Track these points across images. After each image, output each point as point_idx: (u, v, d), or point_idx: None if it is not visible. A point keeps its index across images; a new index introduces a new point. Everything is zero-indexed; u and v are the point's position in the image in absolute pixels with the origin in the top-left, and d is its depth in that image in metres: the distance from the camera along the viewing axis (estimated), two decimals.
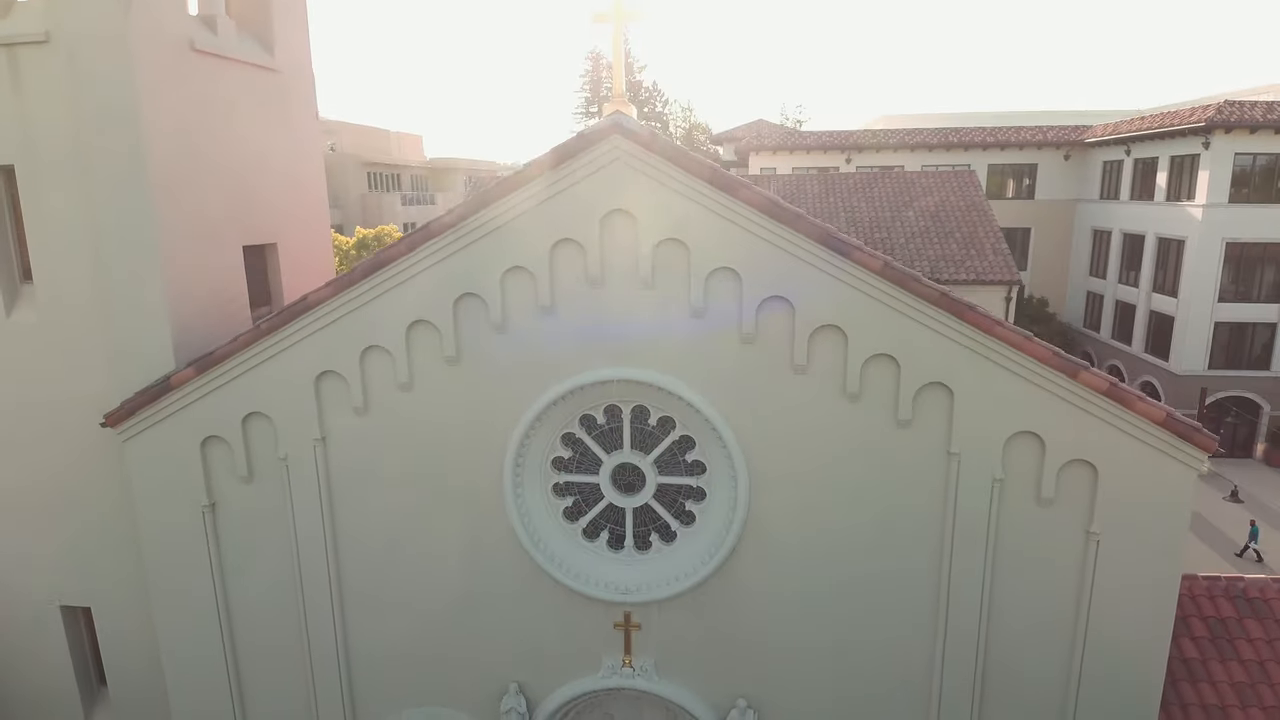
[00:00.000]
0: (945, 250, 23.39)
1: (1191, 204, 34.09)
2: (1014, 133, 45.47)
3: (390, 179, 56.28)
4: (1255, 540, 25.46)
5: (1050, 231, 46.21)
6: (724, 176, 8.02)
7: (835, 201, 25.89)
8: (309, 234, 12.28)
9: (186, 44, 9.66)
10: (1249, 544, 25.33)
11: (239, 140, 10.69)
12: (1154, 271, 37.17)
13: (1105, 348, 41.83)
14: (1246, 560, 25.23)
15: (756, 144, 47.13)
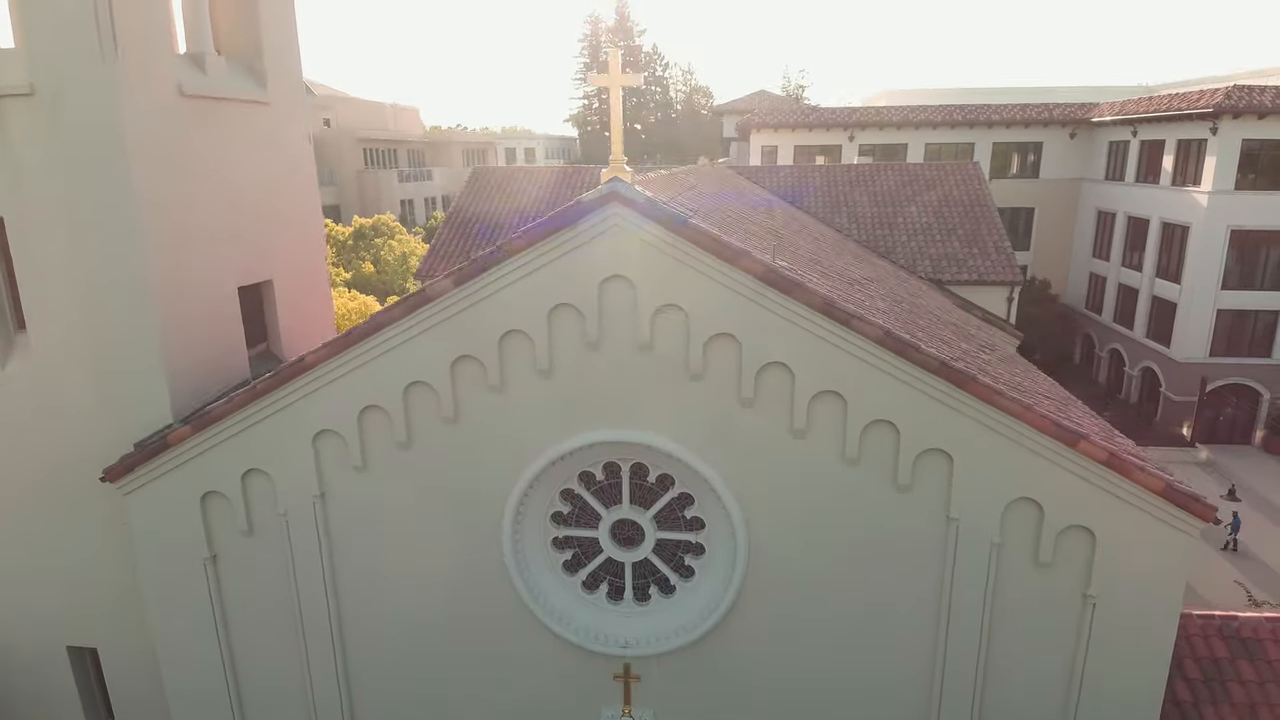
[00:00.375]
0: (947, 248, 23.19)
1: (1197, 190, 33.72)
2: (1019, 110, 44.80)
3: (387, 154, 55.66)
4: (1236, 531, 25.95)
5: (1054, 211, 45.77)
6: (724, 246, 7.90)
7: (837, 195, 25.60)
8: (306, 267, 12.16)
9: (174, 89, 9.47)
10: (1232, 536, 25.86)
11: (232, 178, 10.53)
12: (1158, 256, 36.91)
13: (1107, 331, 41.71)
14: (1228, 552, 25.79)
15: (759, 121, 46.48)
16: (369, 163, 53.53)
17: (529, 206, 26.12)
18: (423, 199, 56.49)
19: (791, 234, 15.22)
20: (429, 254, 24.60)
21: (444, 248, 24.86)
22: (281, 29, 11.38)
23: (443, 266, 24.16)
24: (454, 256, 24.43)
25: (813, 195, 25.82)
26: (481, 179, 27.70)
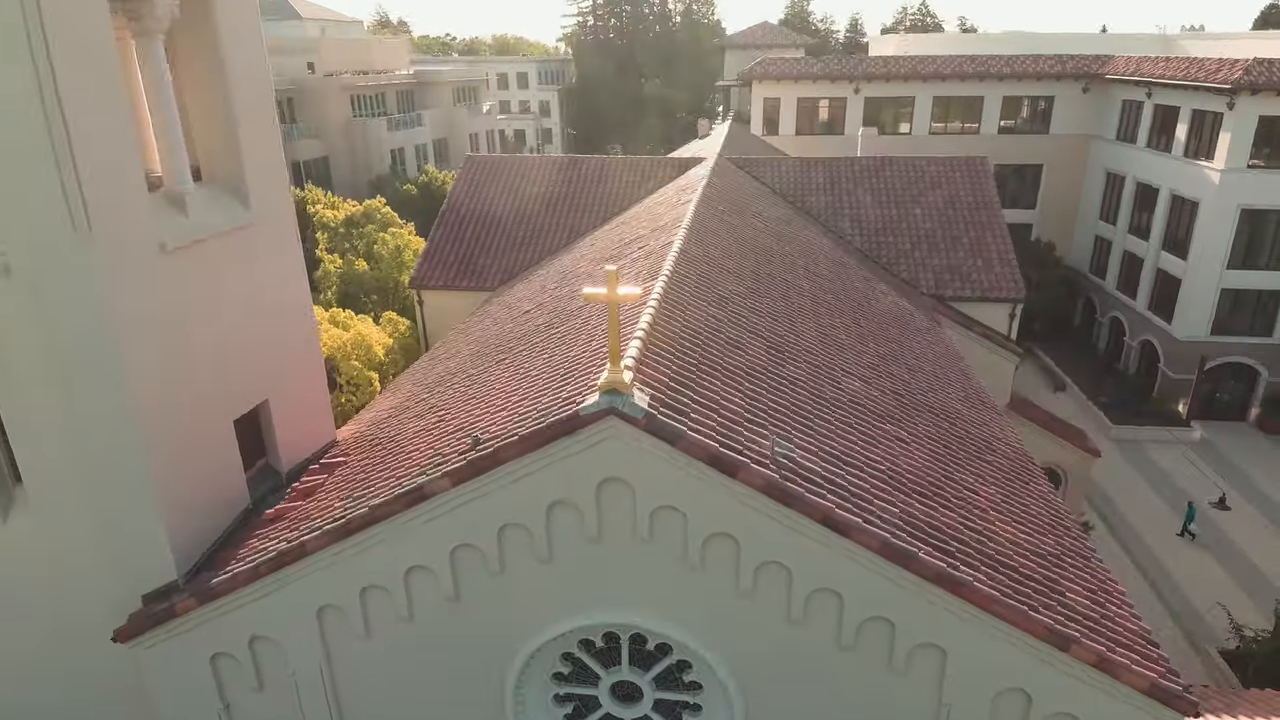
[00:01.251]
0: (951, 260, 22.77)
1: (1209, 165, 32.87)
2: (1031, 62, 43.11)
3: (375, 100, 53.77)
4: (1192, 521, 26.79)
5: (1063, 169, 44.66)
6: (723, 459, 7.81)
7: (840, 194, 24.92)
8: (302, 378, 11.99)
9: (155, 249, 9.13)
10: (1187, 525, 26.74)
11: (220, 309, 10.27)
12: (1165, 228, 36.30)
13: (1109, 298, 41.41)
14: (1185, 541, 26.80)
15: (761, 72, 44.71)
16: (357, 110, 51.75)
17: (525, 204, 25.48)
18: (413, 146, 54.91)
19: (792, 310, 14.97)
20: (424, 259, 24.13)
21: (438, 251, 24.37)
22: (263, 143, 10.87)
23: (438, 274, 23.79)
24: (449, 262, 24.01)
25: (816, 193, 25.17)
26: (474, 168, 26.89)
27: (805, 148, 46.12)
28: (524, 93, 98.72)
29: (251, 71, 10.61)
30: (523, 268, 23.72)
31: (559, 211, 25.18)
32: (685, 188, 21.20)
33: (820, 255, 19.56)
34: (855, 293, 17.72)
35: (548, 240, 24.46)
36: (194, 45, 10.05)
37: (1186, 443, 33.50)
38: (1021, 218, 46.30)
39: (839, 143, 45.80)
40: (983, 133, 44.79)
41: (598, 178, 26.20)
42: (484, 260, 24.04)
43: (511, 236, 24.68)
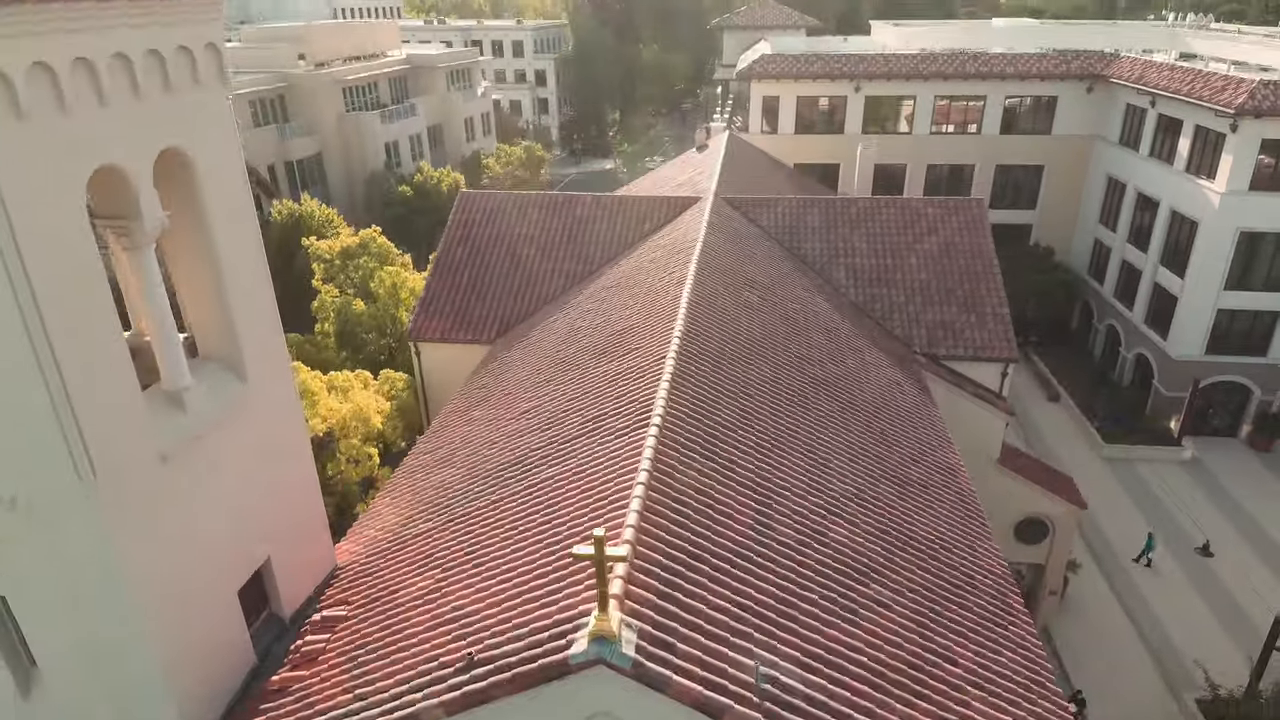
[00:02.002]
0: (944, 315, 22.83)
1: (1210, 185, 32.61)
2: (1035, 61, 42.36)
3: (368, 88, 52.85)
4: (1151, 550, 27.61)
5: (1064, 170, 44.24)
6: (709, 704, 8.13)
7: (836, 239, 24.82)
8: (303, 526, 12.26)
9: (157, 460, 9.32)
10: (1145, 553, 27.60)
11: (221, 489, 10.49)
12: (1164, 243, 36.17)
13: (1107, 305, 41.44)
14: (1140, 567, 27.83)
15: (760, 71, 43.90)
16: (349, 103, 50.90)
17: (520, 247, 25.43)
18: (407, 137, 54.16)
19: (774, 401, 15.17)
20: (420, 308, 24.18)
21: (434, 299, 24.42)
22: (258, 312, 10.96)
23: (435, 324, 23.88)
24: (445, 312, 24.08)
25: (811, 237, 25.09)
26: (468, 206, 26.73)
27: (804, 146, 45.65)
28: (519, 61, 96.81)
29: (244, 250, 10.68)
30: (519, 317, 23.82)
31: (555, 257, 25.14)
32: (682, 249, 21.15)
33: (813, 327, 19.66)
34: (847, 377, 17.88)
35: (544, 287, 24.50)
36: (186, 235, 10.08)
37: (1178, 461, 33.96)
38: (1021, 218, 46.06)
39: (839, 142, 45.28)
40: (984, 132, 44.24)
41: (593, 218, 26.09)
42: (480, 309, 24.11)
43: (508, 283, 24.70)
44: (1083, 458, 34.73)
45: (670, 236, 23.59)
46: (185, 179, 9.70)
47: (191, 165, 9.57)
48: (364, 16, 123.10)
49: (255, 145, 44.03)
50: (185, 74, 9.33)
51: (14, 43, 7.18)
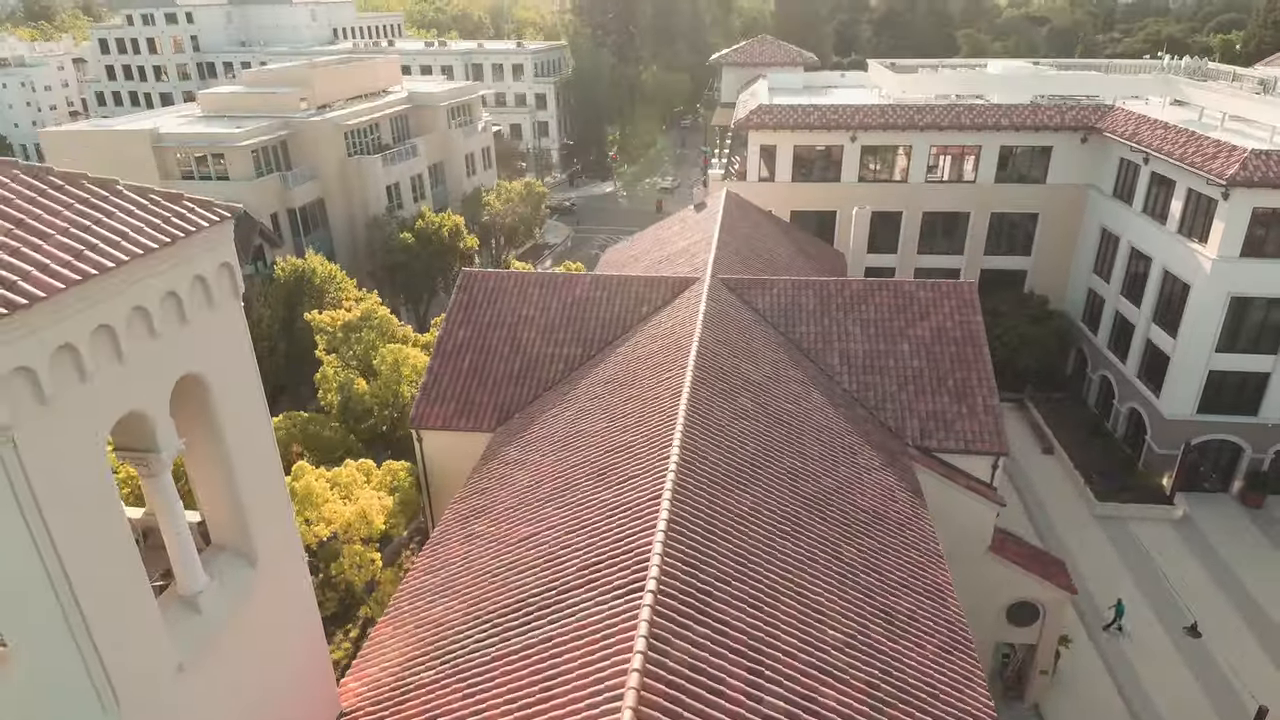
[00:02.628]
0: (936, 405, 23.26)
1: (1202, 250, 33.02)
2: (1029, 113, 42.82)
3: (369, 130, 53.27)
4: (1121, 617, 28.22)
5: (1059, 218, 44.70)
6: None
7: (830, 324, 25.26)
8: (310, 687, 12.68)
9: (174, 673, 9.72)
10: (1115, 620, 28.12)
11: (233, 676, 10.89)
12: (1156, 301, 36.58)
13: (1100, 355, 41.87)
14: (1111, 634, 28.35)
15: (757, 121, 44.32)
16: (351, 145, 51.32)
17: (521, 329, 25.87)
18: (409, 178, 54.62)
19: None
20: (422, 394, 24.61)
21: (436, 383, 24.85)
22: (268, 504, 11.37)
23: (436, 411, 24.31)
24: (446, 398, 24.52)
25: (806, 321, 25.52)
26: (470, 286, 27.17)
27: (801, 194, 46.08)
28: (520, 85, 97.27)
29: (257, 451, 11.04)
30: (520, 404, 24.25)
31: (555, 340, 25.58)
32: (679, 347, 21.58)
33: (807, 431, 20.08)
34: (840, 489, 18.30)
35: (544, 371, 24.94)
36: (201, 443, 10.45)
37: (1170, 520, 34.37)
38: (1016, 264, 46.51)
39: (836, 190, 45.73)
40: (979, 181, 44.70)
41: (592, 299, 26.53)
42: (481, 395, 24.55)
43: (509, 367, 25.14)
44: (1075, 515, 35.17)
45: (668, 324, 24.03)
46: (199, 394, 10.11)
47: (207, 385, 9.99)
48: (364, 37, 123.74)
49: (257, 196, 44.54)
50: (201, 302, 9.75)
51: (39, 335, 7.56)
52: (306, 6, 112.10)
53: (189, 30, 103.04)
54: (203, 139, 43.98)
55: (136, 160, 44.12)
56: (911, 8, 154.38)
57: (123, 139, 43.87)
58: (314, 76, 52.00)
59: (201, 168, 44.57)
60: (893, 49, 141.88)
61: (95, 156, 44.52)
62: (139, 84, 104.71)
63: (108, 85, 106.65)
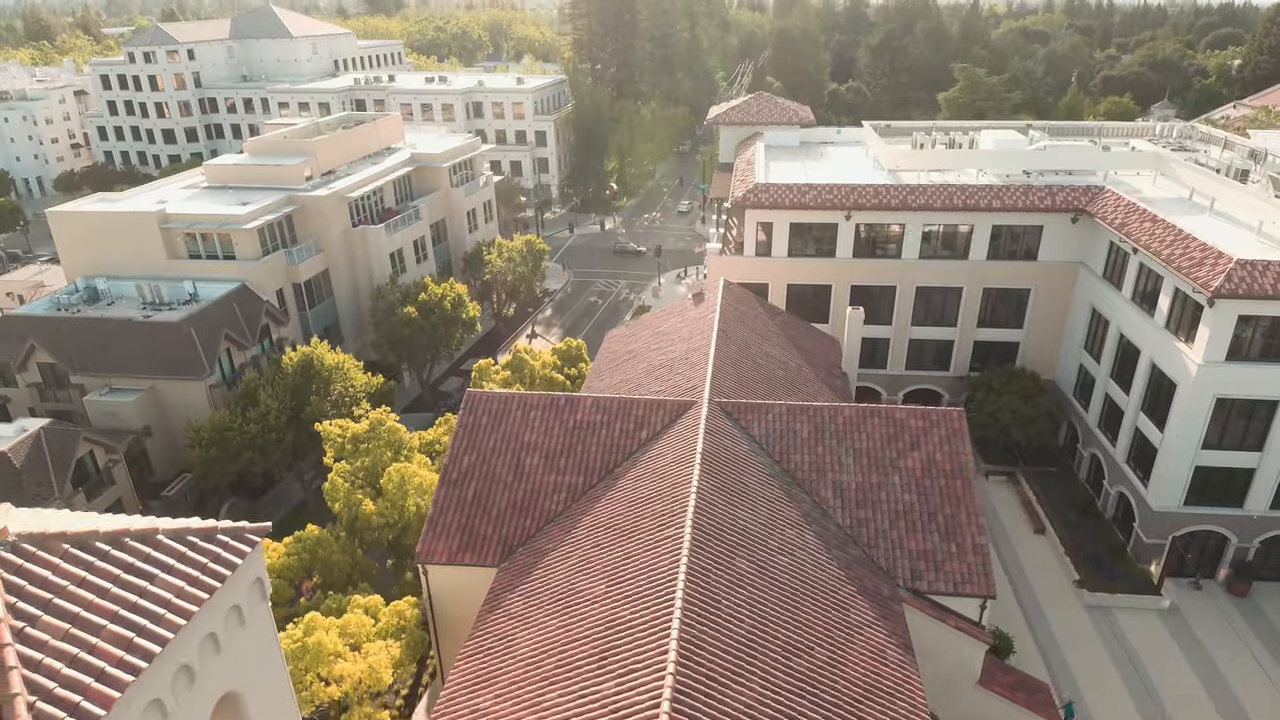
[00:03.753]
0: (926, 544, 24.04)
1: (1189, 352, 33.82)
2: (1021, 194, 43.69)
3: (372, 196, 54.05)
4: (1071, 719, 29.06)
5: (1050, 293, 45.58)
6: None
7: (823, 451, 26.06)
8: None
9: None
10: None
11: None
12: (1144, 392, 37.38)
13: (1091, 434, 42.68)
14: None
15: (753, 201, 45.15)
16: (355, 214, 52.12)
17: (525, 456, 26.65)
18: (411, 243, 55.43)
19: None
20: (428, 527, 25.39)
21: (441, 516, 25.62)
22: None
23: (441, 545, 25.09)
24: (451, 531, 25.30)
25: (801, 449, 26.32)
26: (475, 409, 27.95)
27: (797, 269, 46.93)
28: (520, 123, 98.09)
29: None
30: (523, 536, 25.03)
31: (557, 468, 26.37)
32: (677, 496, 22.36)
33: (802, 591, 20.86)
34: (834, 663, 19.09)
35: (547, 501, 25.74)
36: None
37: (1157, 610, 35.20)
38: (1009, 336, 47.36)
39: (831, 265, 46.57)
40: (972, 257, 45.53)
41: (593, 424, 27.32)
42: (485, 528, 25.33)
43: (512, 496, 25.93)
44: (1064, 602, 36.00)
45: (668, 459, 24.78)
46: (234, 705, 10.86)
47: (241, 698, 10.76)
48: (366, 67, 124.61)
49: (263, 274, 45.33)
50: (235, 625, 10.53)
51: None
52: (307, 40, 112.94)
53: (190, 67, 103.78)
54: (209, 220, 44.76)
55: (144, 240, 44.90)
56: (908, 30, 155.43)
57: (130, 221, 44.63)
58: (316, 146, 52.79)
59: (208, 245, 45.33)
60: (890, 73, 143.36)
61: (104, 238, 45.37)
62: (140, 120, 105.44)
63: (109, 120, 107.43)
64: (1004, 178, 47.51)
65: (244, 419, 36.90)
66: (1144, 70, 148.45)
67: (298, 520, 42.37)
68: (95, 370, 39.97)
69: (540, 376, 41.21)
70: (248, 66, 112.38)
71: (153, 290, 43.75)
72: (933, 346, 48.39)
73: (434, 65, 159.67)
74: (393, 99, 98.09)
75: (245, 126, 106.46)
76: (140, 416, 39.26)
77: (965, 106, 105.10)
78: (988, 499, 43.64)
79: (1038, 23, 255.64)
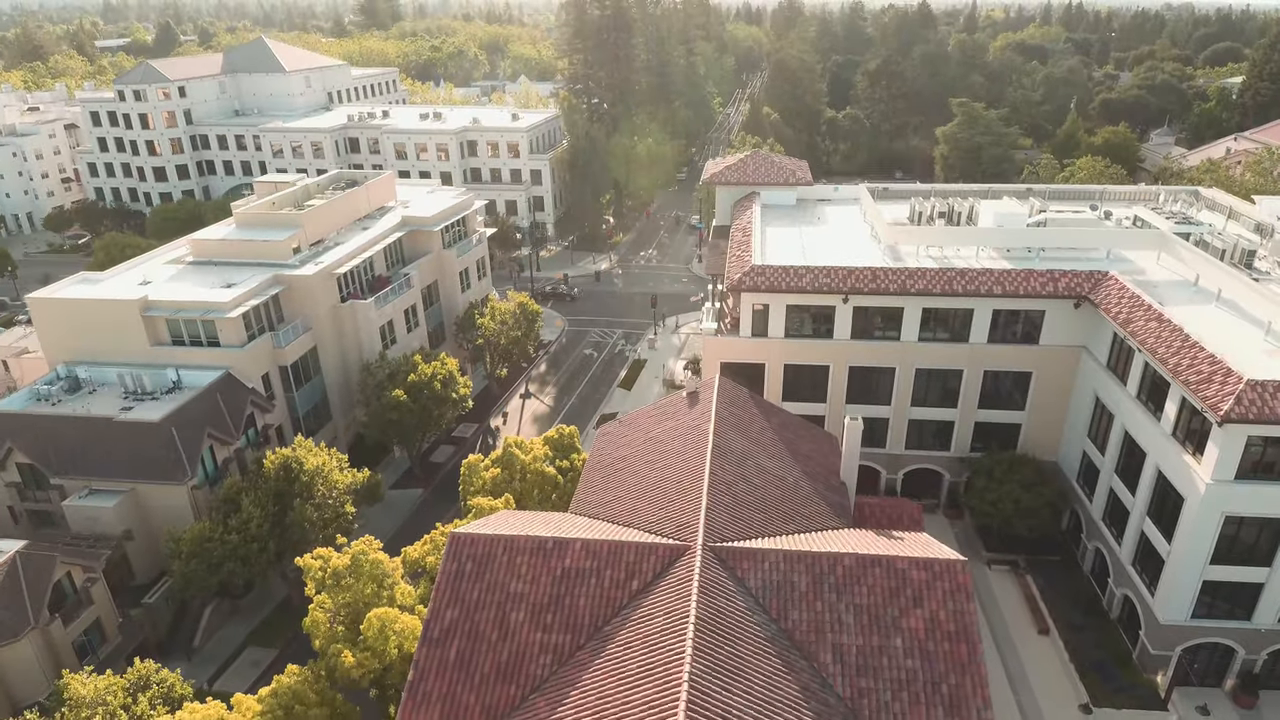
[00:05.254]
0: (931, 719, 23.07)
1: (1197, 468, 32.85)
2: (1022, 279, 42.77)
3: (362, 274, 52.97)
4: None
5: (1052, 377, 44.70)
6: None
7: (822, 608, 25.00)
8: None
9: None
10: None
11: None
12: (1150, 497, 36.42)
13: (1095, 526, 41.73)
14: None
15: (749, 284, 44.16)
16: (345, 287, 51.08)
17: (511, 610, 25.65)
18: (402, 312, 54.42)
19: None
20: (408, 695, 24.33)
21: (423, 681, 24.56)
22: None
23: (422, 716, 24.08)
24: (432, 700, 24.28)
25: (799, 603, 25.31)
26: (459, 554, 26.92)
27: (794, 350, 45.97)
28: (515, 162, 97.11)
29: None
30: (506, 707, 24.02)
31: (544, 625, 25.31)
32: (669, 673, 21.38)
33: None
34: None
35: (533, 665, 24.70)
36: None
37: None
38: (1010, 418, 46.38)
39: (828, 346, 45.62)
40: (972, 340, 44.60)
41: (582, 571, 26.31)
42: (468, 696, 24.29)
43: (496, 658, 24.88)
44: (1068, 714, 35.01)
45: (660, 620, 23.77)
46: None
47: None
48: (360, 97, 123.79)
49: (248, 361, 44.31)
50: None
51: None
52: (300, 74, 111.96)
53: (181, 104, 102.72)
54: (192, 307, 43.69)
55: (126, 327, 43.88)
56: (906, 54, 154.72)
57: (111, 309, 43.56)
58: (305, 218, 51.78)
59: (191, 330, 44.29)
60: (887, 99, 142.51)
61: (84, 324, 44.33)
62: (131, 157, 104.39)
63: (100, 157, 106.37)
64: (1004, 252, 46.73)
65: (225, 528, 35.86)
66: (1142, 94, 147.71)
67: (283, 620, 41.47)
68: (74, 473, 38.92)
69: (532, 471, 40.19)
70: (240, 101, 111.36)
71: (135, 380, 42.66)
72: (933, 426, 47.43)
73: (428, 91, 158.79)
74: (386, 138, 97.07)
75: (238, 164, 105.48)
76: (121, 521, 38.20)
77: (964, 141, 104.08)
78: (989, 591, 42.69)
79: (1035, 36, 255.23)
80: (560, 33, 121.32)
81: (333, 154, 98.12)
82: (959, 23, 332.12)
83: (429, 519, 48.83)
